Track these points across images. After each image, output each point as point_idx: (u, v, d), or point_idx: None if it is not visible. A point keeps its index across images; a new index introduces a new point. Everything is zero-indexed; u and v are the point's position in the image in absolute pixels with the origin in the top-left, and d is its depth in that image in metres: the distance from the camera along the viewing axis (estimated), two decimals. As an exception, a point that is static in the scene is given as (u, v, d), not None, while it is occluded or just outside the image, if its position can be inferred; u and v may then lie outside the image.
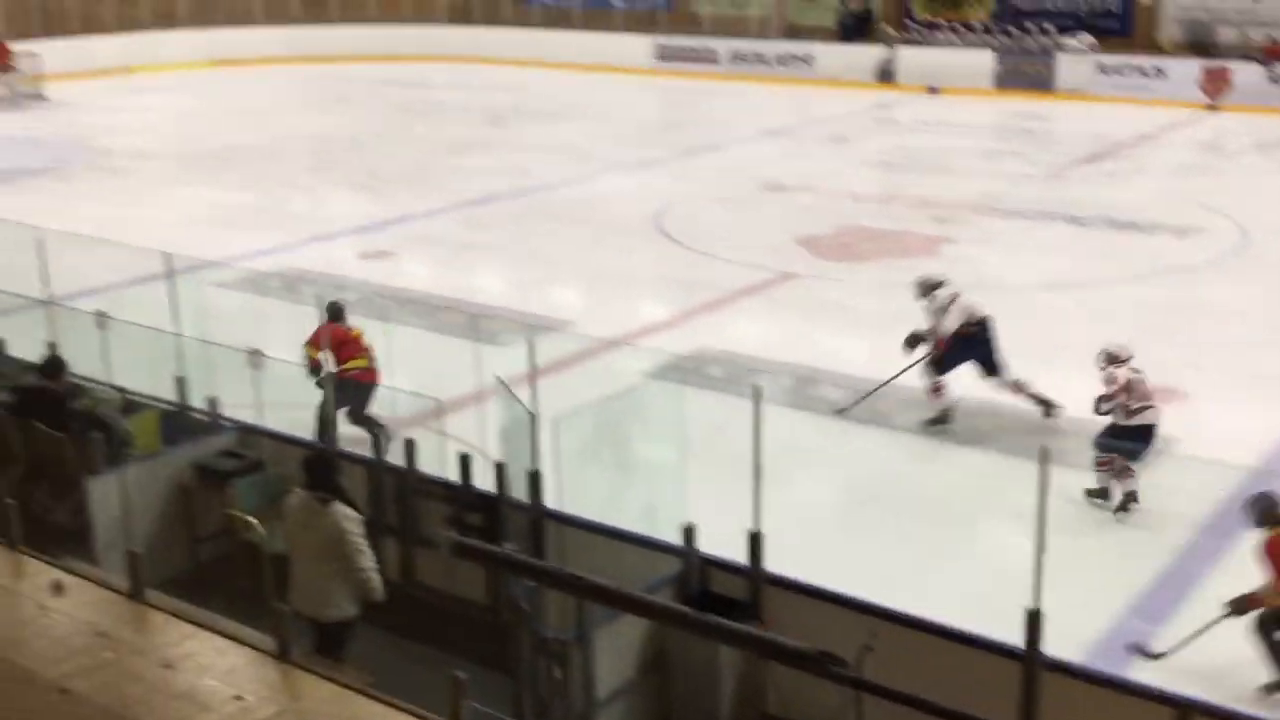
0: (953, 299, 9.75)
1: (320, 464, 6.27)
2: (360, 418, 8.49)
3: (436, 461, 7.05)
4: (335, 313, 8.93)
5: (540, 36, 32.91)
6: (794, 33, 30.77)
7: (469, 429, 7.52)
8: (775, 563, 5.96)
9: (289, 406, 7.73)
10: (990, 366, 9.67)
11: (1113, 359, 8.26)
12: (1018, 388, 9.63)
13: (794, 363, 11.05)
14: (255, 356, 6.72)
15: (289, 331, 10.41)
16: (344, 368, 8.54)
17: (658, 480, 6.28)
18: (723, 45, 30.63)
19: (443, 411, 6.92)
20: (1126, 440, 8.09)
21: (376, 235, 15.58)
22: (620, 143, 22.19)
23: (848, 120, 24.43)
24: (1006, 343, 9.74)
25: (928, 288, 10.00)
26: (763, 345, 11.69)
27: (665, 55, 31.28)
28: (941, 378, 9.65)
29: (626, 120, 25.03)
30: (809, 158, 20.78)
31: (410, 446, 7.02)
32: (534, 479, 6.33)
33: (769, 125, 23.73)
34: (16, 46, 26.32)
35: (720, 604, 5.79)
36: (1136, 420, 8.10)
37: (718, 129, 23.56)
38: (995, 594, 5.63)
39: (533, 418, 5.85)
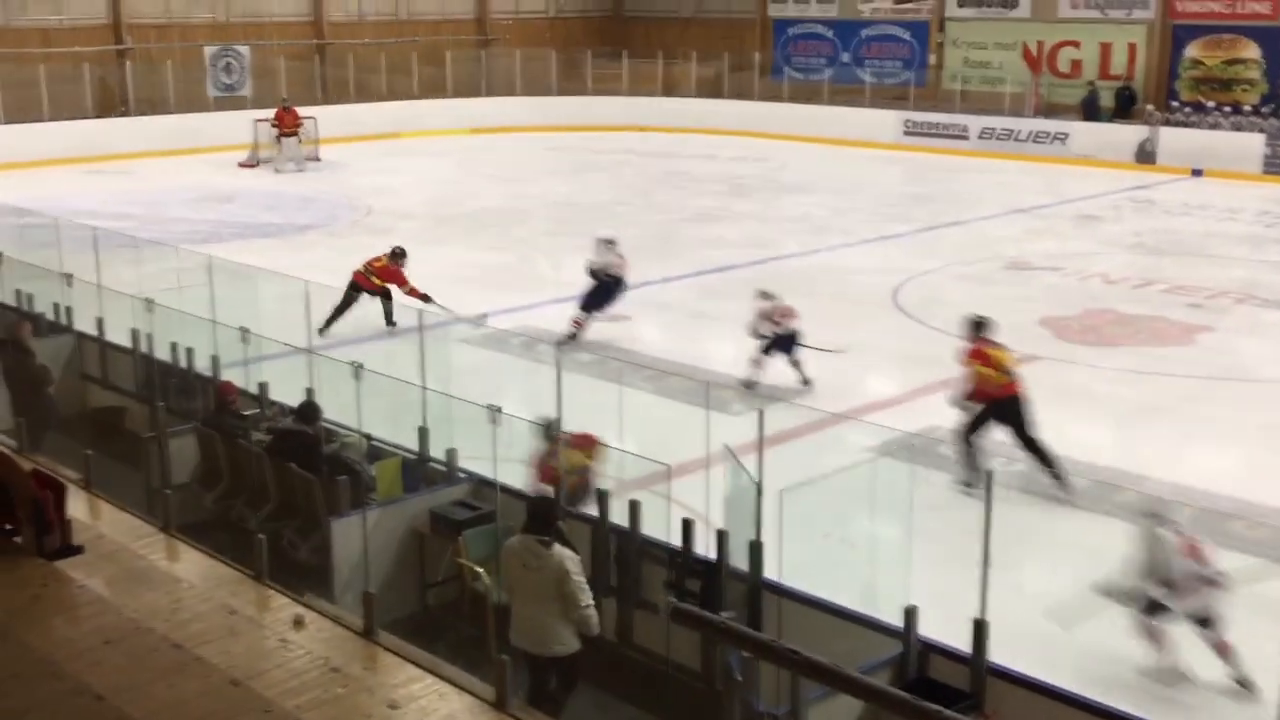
0: (620, 258, 14.14)
1: (543, 508, 6.49)
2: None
3: (660, 525, 7.13)
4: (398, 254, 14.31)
5: (789, 110, 33.20)
6: (1049, 110, 30.04)
7: (694, 495, 7.58)
8: (998, 653, 5.75)
9: (522, 462, 7.97)
10: (601, 306, 14.04)
11: (765, 295, 12.35)
12: (577, 323, 13.85)
13: (1032, 448, 10.66)
14: (494, 412, 6.97)
15: (526, 388, 10.78)
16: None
17: (881, 559, 6.17)
18: (973, 121, 30.18)
19: (670, 476, 7.01)
20: (780, 343, 12.20)
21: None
22: (863, 216, 22.10)
23: (1102, 201, 23.61)
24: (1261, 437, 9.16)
25: (603, 242, 14.33)
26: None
27: (914, 130, 31.04)
28: (586, 313, 13.92)
29: (871, 194, 24.91)
30: (1058, 237, 20.16)
31: (634, 508, 7.12)
32: (755, 549, 6.32)
33: (1017, 203, 23.18)
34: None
35: (940, 692, 5.62)
36: (783, 328, 12.18)
37: (963, 205, 23.17)
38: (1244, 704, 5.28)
39: (758, 487, 5.86)
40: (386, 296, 14.21)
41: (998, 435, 9.99)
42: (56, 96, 28.60)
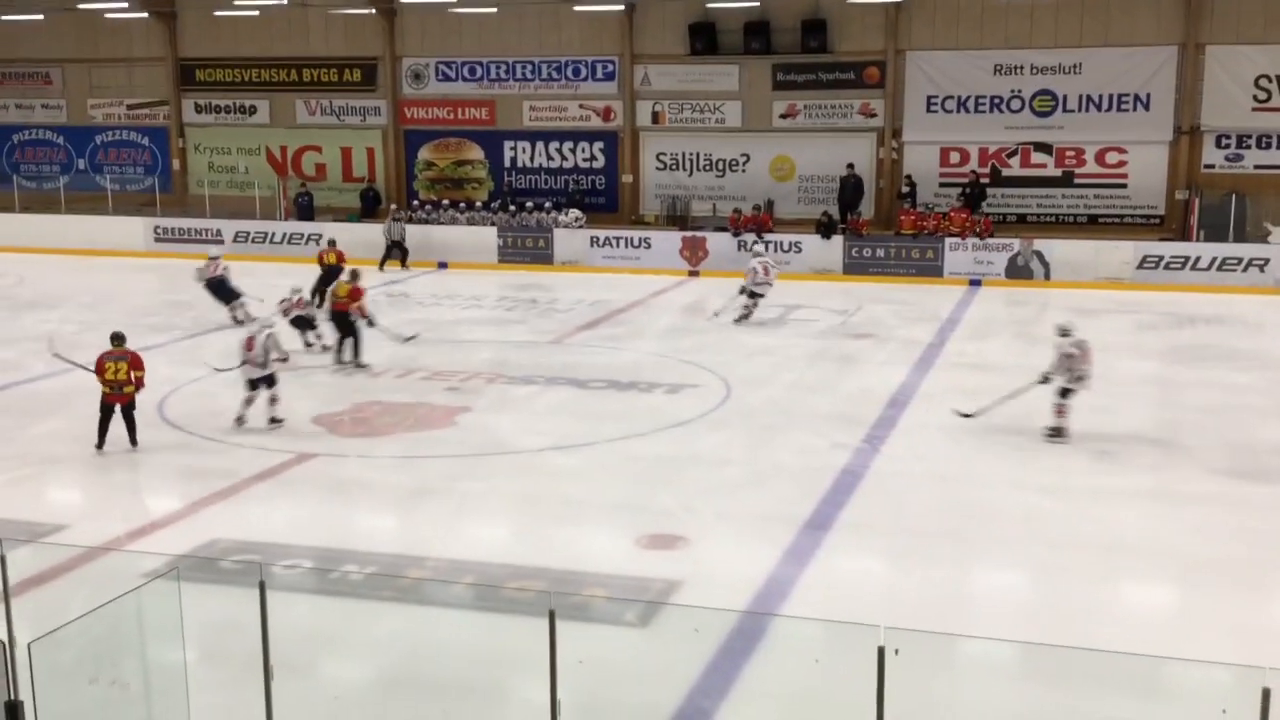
0: None
1: None
2: None
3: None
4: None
5: (23, 221, 30.78)
6: (303, 212, 30.73)
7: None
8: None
9: None
10: None
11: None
12: None
13: (315, 545, 10.75)
14: None
15: None
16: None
17: (159, 692, 5.81)
18: (226, 225, 30.00)
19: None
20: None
21: None
22: (118, 328, 20.86)
23: (359, 296, 24.51)
24: (522, 504, 9.94)
25: None
26: (281, 530, 11.31)
27: (166, 237, 30.16)
28: None
29: (126, 305, 23.71)
30: (323, 335, 20.56)
31: None
32: (12, 711, 5.66)
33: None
34: None
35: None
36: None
37: (225, 310, 22.82)
38: None
39: (3, 644, 5.26)
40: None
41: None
42: None
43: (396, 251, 28.15)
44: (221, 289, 21.55)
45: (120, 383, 13.63)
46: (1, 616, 5.49)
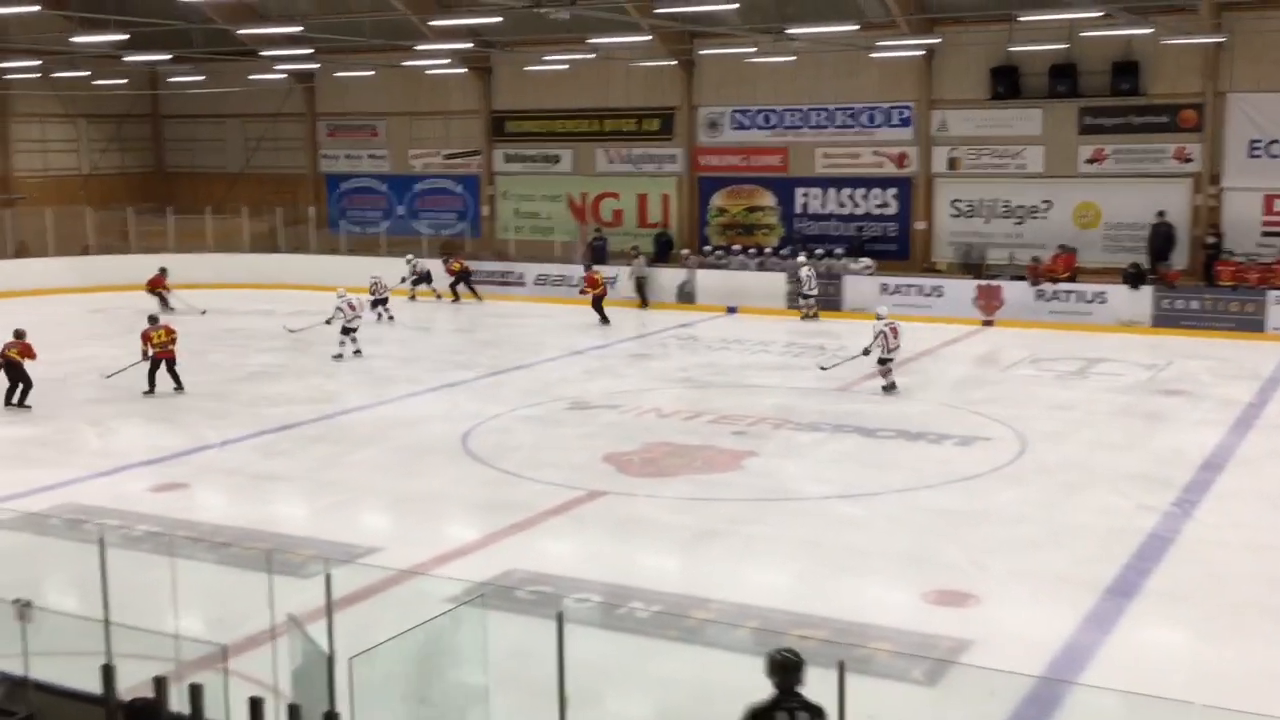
0: None
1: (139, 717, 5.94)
2: None
3: (232, 707, 6.67)
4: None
5: (348, 262, 33.10)
6: (597, 255, 31.79)
7: (263, 668, 7.18)
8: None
9: (66, 655, 7.24)
10: None
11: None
12: None
13: (603, 581, 11.00)
14: (22, 606, 6.31)
15: (69, 573, 9.88)
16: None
17: (462, 713, 6.08)
18: (528, 269, 31.39)
19: (232, 653, 6.60)
20: None
21: (170, 467, 15.04)
22: (428, 365, 22.26)
23: (650, 339, 25.12)
24: (806, 551, 9.87)
25: None
26: (572, 564, 11.64)
27: (474, 279, 31.78)
28: None
29: (435, 342, 25.19)
30: (614, 375, 21.19)
31: (196, 693, 6.64)
32: (330, 721, 6.06)
33: (574, 345, 24.21)
34: None
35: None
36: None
37: (525, 350, 23.87)
38: None
39: (328, 657, 5.64)
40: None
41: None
42: None
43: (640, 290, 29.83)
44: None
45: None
46: (325, 632, 5.90)
